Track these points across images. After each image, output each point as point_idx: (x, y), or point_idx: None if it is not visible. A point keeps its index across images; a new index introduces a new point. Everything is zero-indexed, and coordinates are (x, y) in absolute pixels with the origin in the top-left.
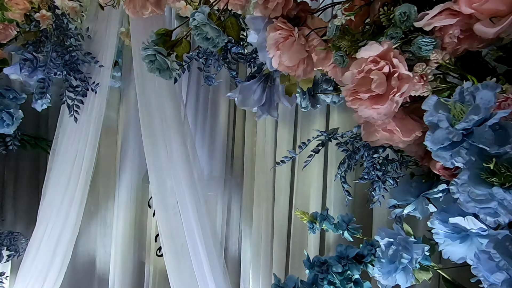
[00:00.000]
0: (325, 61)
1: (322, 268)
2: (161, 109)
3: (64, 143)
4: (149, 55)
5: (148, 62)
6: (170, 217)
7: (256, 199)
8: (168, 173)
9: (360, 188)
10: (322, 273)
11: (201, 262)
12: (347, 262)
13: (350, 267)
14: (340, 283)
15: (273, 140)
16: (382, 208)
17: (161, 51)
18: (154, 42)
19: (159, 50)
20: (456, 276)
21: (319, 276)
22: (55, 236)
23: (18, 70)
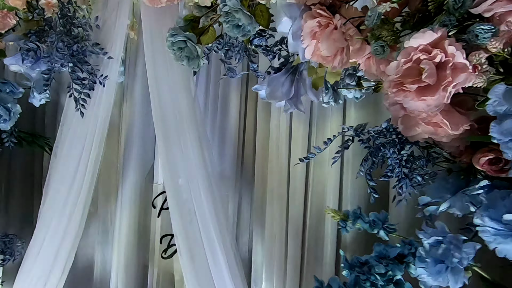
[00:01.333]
0: (360, 52)
1: (363, 269)
2: (176, 104)
3: (68, 140)
4: (178, 42)
5: (177, 50)
6: (185, 216)
7: (270, 198)
8: (183, 171)
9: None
10: (364, 274)
11: (218, 262)
12: (388, 263)
13: (392, 267)
14: (383, 284)
15: (287, 138)
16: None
17: (191, 37)
18: (183, 28)
19: (189, 37)
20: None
21: (360, 277)
22: (58, 239)
23: (19, 60)
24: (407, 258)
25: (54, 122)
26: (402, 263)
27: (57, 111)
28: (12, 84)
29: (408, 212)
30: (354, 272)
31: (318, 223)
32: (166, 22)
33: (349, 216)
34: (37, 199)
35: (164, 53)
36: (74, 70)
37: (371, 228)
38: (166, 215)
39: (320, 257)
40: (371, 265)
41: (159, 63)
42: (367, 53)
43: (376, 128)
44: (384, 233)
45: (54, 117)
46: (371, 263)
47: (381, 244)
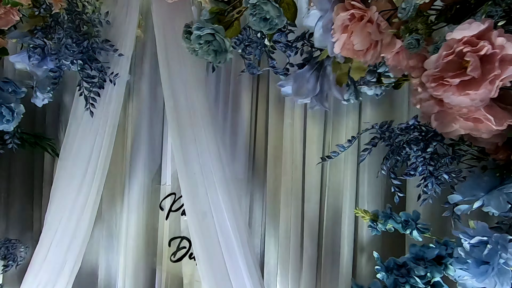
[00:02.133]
0: (390, 47)
1: (401, 271)
2: (190, 101)
3: (77, 141)
4: (206, 35)
5: (204, 43)
6: (202, 218)
7: (284, 199)
8: (199, 171)
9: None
10: (403, 276)
11: (237, 264)
12: (427, 264)
13: (431, 269)
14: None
15: (302, 137)
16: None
17: (220, 30)
18: (209, 21)
19: (218, 30)
20: None
21: (399, 280)
22: (65, 243)
23: (26, 58)
24: (445, 260)
25: (56, 123)
26: (440, 264)
27: (59, 112)
28: (15, 83)
29: (426, 211)
30: (392, 275)
31: (334, 224)
32: (179, 17)
33: (379, 217)
34: (37, 202)
35: (177, 49)
36: (84, 68)
37: (404, 229)
38: (174, 217)
39: (336, 259)
40: (410, 268)
41: (172, 60)
42: (397, 48)
43: (402, 125)
44: (418, 234)
45: (56, 118)
46: (410, 265)
47: (416, 245)
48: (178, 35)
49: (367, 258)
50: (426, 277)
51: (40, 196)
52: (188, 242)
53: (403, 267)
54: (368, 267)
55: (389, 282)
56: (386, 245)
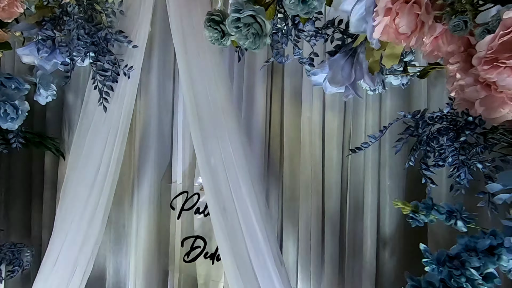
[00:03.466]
0: (431, 31)
1: (454, 263)
2: (210, 94)
3: (88, 138)
4: (246, 17)
5: (243, 27)
6: (225, 215)
7: (303, 194)
8: (222, 166)
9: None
10: (457, 269)
11: (264, 262)
12: (480, 256)
13: (485, 260)
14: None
15: (320, 130)
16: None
17: (261, 12)
18: (248, 2)
19: (259, 11)
20: None
21: (453, 272)
22: (77, 246)
23: (34, 51)
24: (497, 250)
25: (58, 122)
26: (493, 255)
27: (62, 110)
28: (18, 80)
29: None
30: (445, 268)
31: (356, 218)
32: (196, 6)
33: (420, 208)
34: (36, 205)
35: (195, 40)
36: (97, 60)
37: (448, 219)
38: (186, 216)
39: (359, 254)
40: (464, 259)
41: (190, 51)
42: (437, 32)
43: (436, 113)
44: (463, 224)
45: (58, 117)
46: (463, 257)
47: (464, 236)
48: (196, 25)
49: (390, 252)
50: (481, 268)
51: (40, 198)
52: (203, 241)
53: (456, 259)
54: (392, 262)
55: (443, 275)
56: (409, 239)
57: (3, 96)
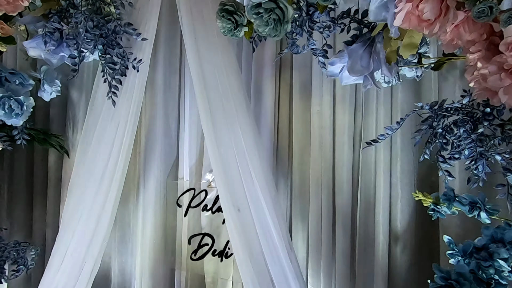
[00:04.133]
0: (453, 18)
1: (481, 254)
2: (222, 89)
3: (96, 134)
4: (268, 2)
5: (265, 12)
6: (239, 211)
7: (314, 189)
8: (234, 160)
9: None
10: (486, 260)
11: (278, 259)
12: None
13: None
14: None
15: (331, 125)
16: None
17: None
18: None
19: None
20: None
21: (481, 264)
22: (85, 243)
23: (41, 44)
24: None
25: (62, 119)
26: None
27: (66, 107)
28: (22, 75)
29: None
30: (473, 259)
31: (368, 213)
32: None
33: (441, 200)
34: (39, 203)
35: (207, 32)
36: (107, 53)
37: (470, 211)
38: (193, 213)
39: (371, 249)
40: (492, 251)
41: (202, 44)
42: (459, 20)
43: (455, 104)
44: (486, 215)
45: (62, 113)
46: (491, 248)
47: (489, 227)
48: (206, 17)
49: (402, 247)
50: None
51: (43, 196)
52: (211, 238)
53: (483, 250)
54: (404, 257)
55: (471, 266)
56: (419, 235)
57: (7, 91)
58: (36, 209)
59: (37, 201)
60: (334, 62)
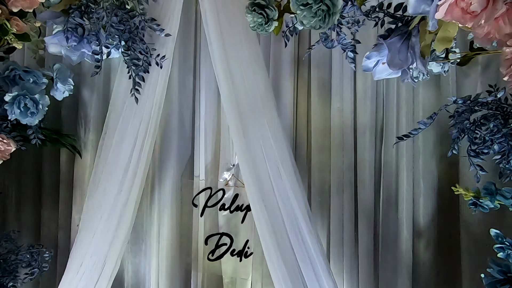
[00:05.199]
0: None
1: None
2: (250, 86)
3: (118, 132)
4: None
5: (314, 3)
6: (268, 208)
7: (335, 187)
8: (263, 158)
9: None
10: None
11: (308, 257)
12: None
13: None
14: None
15: (352, 122)
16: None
17: None
18: None
19: None
20: None
21: None
22: (106, 245)
23: (63, 40)
24: None
25: (74, 119)
26: None
27: (77, 106)
28: (36, 73)
29: None
30: None
31: (391, 210)
32: None
33: (482, 193)
34: (49, 205)
35: (232, 28)
36: (132, 48)
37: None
38: (209, 213)
39: (394, 245)
40: None
41: (226, 36)
42: (500, 12)
43: (488, 98)
44: None
45: (73, 113)
46: None
47: None
48: (232, 13)
49: (425, 244)
50: None
51: (54, 197)
52: (229, 238)
53: None
54: (427, 253)
55: None
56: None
57: (22, 89)
58: (46, 211)
59: (47, 203)
60: (371, 56)
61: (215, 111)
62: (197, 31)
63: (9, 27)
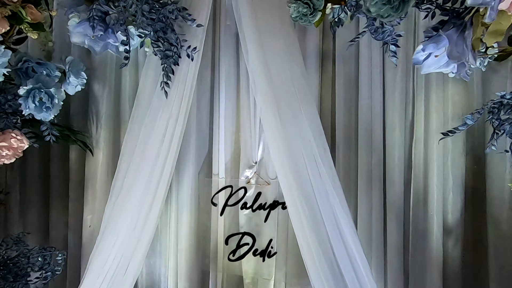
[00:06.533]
0: None
1: None
2: (286, 78)
3: (145, 128)
4: None
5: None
6: (307, 205)
7: (362, 184)
8: (301, 154)
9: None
10: None
11: (350, 258)
12: None
13: None
14: None
15: (381, 118)
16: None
17: None
18: None
19: None
20: None
21: None
22: (131, 246)
23: (88, 29)
24: None
25: (83, 115)
26: None
27: (88, 102)
28: (49, 66)
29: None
30: None
31: (422, 206)
32: None
33: None
34: (57, 205)
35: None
36: (163, 39)
37: None
38: (229, 212)
39: (425, 243)
40: None
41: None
42: None
43: None
44: None
45: (83, 109)
46: None
47: None
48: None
49: (455, 240)
50: None
51: (63, 198)
52: (251, 238)
53: None
54: (456, 250)
55: None
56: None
57: (37, 82)
58: (54, 212)
59: (55, 203)
60: (426, 48)
61: (235, 107)
62: (215, 23)
63: (24, 15)
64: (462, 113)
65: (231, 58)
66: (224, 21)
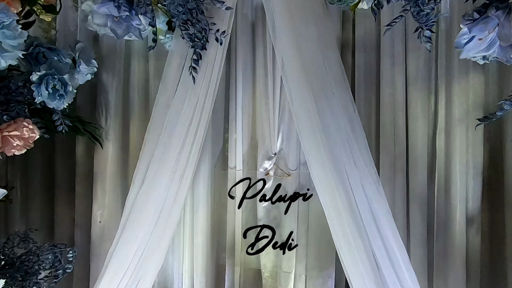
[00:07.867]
0: None
1: None
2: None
3: (169, 117)
4: None
5: None
6: (346, 197)
7: (385, 174)
8: (335, 145)
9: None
10: None
11: (387, 252)
12: None
13: None
14: None
15: (403, 107)
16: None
17: None
18: None
19: None
20: None
21: None
22: (154, 241)
23: (113, 9)
24: None
25: (91, 105)
26: None
27: (95, 92)
28: (60, 52)
29: None
30: None
31: (445, 196)
32: None
33: None
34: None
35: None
36: (191, 22)
37: None
38: (247, 204)
39: (447, 231)
40: None
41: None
42: None
43: None
44: None
45: (91, 99)
46: None
47: None
48: None
49: (476, 228)
50: None
51: (69, 192)
52: (271, 230)
53: None
54: (477, 239)
55: None
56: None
57: (50, 68)
58: (60, 207)
59: (61, 198)
60: (472, 31)
61: (251, 98)
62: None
63: None
64: (482, 100)
65: (247, 47)
66: (240, 9)
